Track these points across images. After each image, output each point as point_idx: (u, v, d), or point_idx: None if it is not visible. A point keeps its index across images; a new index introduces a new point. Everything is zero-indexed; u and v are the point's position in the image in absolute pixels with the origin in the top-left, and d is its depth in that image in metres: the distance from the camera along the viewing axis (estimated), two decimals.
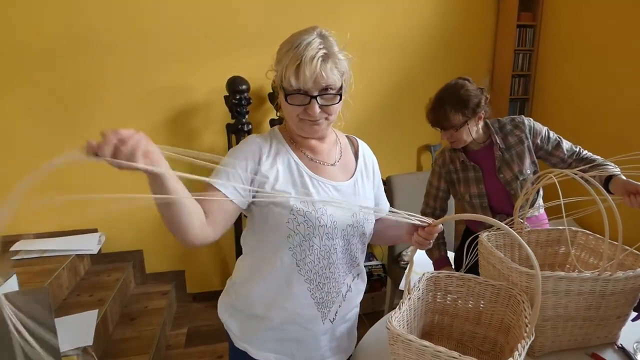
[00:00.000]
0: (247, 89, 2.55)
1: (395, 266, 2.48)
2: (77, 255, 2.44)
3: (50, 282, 2.08)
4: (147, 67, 2.62)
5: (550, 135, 1.56)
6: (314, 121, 0.94)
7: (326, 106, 0.93)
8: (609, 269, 1.04)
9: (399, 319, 0.88)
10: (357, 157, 1.13)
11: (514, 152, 1.55)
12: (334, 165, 1.06)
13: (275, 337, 1.03)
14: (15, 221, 2.57)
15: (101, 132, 0.65)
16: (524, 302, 0.94)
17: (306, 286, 0.99)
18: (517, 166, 1.54)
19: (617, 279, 1.01)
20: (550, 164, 1.58)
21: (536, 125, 1.57)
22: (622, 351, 1.10)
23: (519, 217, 1.33)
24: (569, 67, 2.90)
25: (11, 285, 1.83)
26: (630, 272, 1.02)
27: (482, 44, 3.27)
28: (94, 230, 2.70)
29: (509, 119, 1.60)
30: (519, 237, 0.75)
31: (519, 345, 0.77)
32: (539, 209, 1.62)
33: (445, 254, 1.70)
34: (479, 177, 1.59)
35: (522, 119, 1.57)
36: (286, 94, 0.92)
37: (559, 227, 1.37)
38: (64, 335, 1.50)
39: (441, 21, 3.10)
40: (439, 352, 0.74)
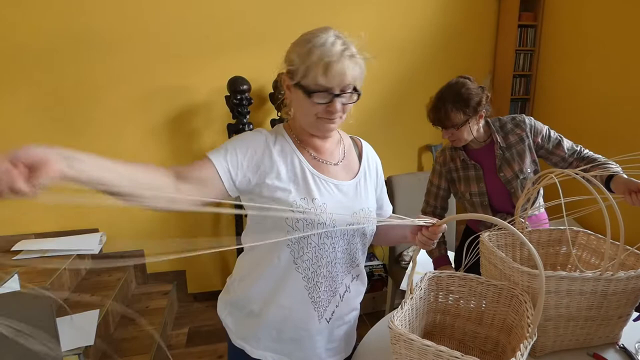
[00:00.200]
0: (248, 89, 2.55)
1: (396, 266, 2.48)
2: (79, 255, 2.44)
3: (51, 282, 2.08)
4: (147, 67, 2.62)
5: (551, 134, 1.56)
6: (332, 119, 0.95)
7: (344, 105, 0.94)
8: (611, 269, 1.04)
9: (400, 319, 0.88)
10: (360, 158, 1.13)
11: (514, 150, 1.55)
12: (337, 164, 1.05)
13: (272, 336, 1.03)
14: (16, 221, 2.57)
15: None
16: (526, 302, 0.94)
17: (303, 284, 0.99)
18: (518, 165, 1.54)
19: (618, 279, 1.01)
20: (551, 163, 1.58)
21: (537, 124, 1.57)
22: (624, 351, 1.10)
23: (519, 217, 1.33)
24: (570, 67, 2.90)
25: (13, 285, 1.84)
26: (632, 272, 1.02)
27: (483, 43, 3.27)
28: (95, 230, 2.70)
29: (510, 117, 1.59)
30: (524, 237, 0.75)
31: (522, 345, 0.77)
32: (539, 208, 1.62)
33: (445, 252, 1.70)
34: (480, 175, 1.59)
35: (523, 118, 1.57)
36: (310, 92, 0.91)
37: (561, 227, 1.36)
38: (65, 335, 1.50)
39: (442, 21, 3.09)
40: (441, 351, 0.74)
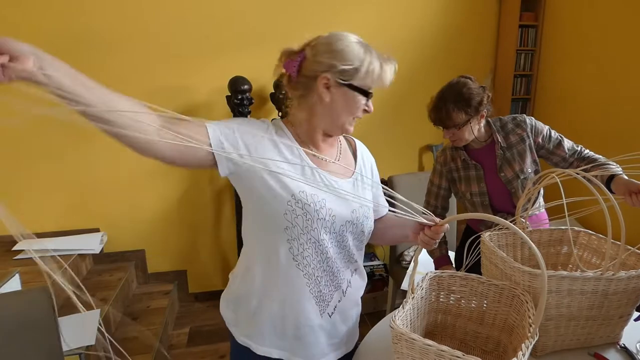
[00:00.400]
0: (249, 89, 2.56)
1: (397, 266, 2.48)
2: (80, 254, 2.44)
3: (52, 282, 2.08)
4: (148, 67, 2.62)
5: (551, 134, 1.56)
6: (358, 118, 1.01)
7: None
8: (612, 269, 1.04)
9: (402, 318, 0.88)
10: (355, 157, 1.14)
11: (515, 150, 1.55)
12: (335, 163, 1.06)
13: (275, 332, 1.03)
14: (18, 220, 2.57)
15: None
16: (527, 302, 0.94)
17: (304, 280, 0.99)
18: (518, 165, 1.54)
19: (619, 279, 1.01)
20: (551, 163, 1.58)
21: (538, 124, 1.57)
22: (625, 351, 1.10)
23: (520, 217, 1.33)
24: (571, 67, 2.90)
25: (14, 284, 1.84)
26: (632, 271, 1.02)
27: (484, 44, 3.27)
28: (96, 229, 2.71)
29: (511, 117, 1.60)
30: (526, 237, 0.75)
31: (523, 345, 0.77)
32: (540, 208, 1.62)
33: (446, 252, 1.70)
34: (480, 175, 1.59)
35: (524, 118, 1.57)
36: (365, 93, 0.97)
37: (561, 227, 1.37)
38: (66, 334, 1.50)
39: (443, 21, 3.09)
40: (442, 351, 0.74)
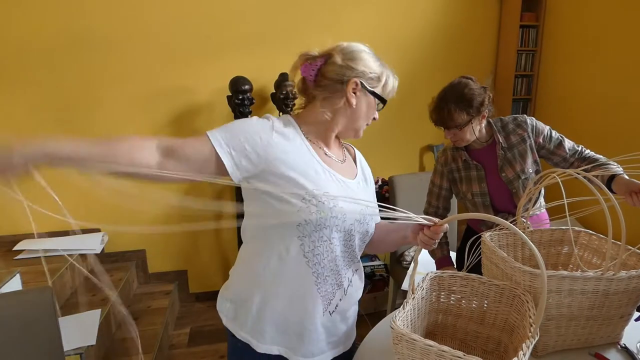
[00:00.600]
0: (250, 89, 2.56)
1: (397, 266, 2.48)
2: (80, 254, 2.45)
3: (53, 282, 2.08)
4: (149, 67, 2.62)
5: (552, 134, 1.56)
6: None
7: None
8: (612, 269, 1.04)
9: (403, 319, 0.88)
10: (354, 162, 1.18)
11: (516, 151, 1.55)
12: (342, 163, 1.09)
13: (278, 329, 1.02)
14: (18, 221, 2.58)
15: None
16: (528, 302, 0.94)
17: (312, 277, 0.99)
18: (519, 165, 1.54)
19: (620, 279, 1.01)
20: (552, 163, 1.58)
21: (538, 124, 1.57)
22: (626, 351, 1.10)
23: (521, 217, 1.33)
24: (572, 67, 2.90)
25: (15, 284, 1.84)
26: (633, 271, 1.02)
27: (485, 44, 3.27)
28: (97, 230, 2.71)
29: (512, 118, 1.60)
30: (526, 237, 0.75)
31: (524, 345, 0.77)
32: (541, 208, 1.62)
33: (447, 253, 1.70)
34: (481, 175, 1.59)
35: (525, 118, 1.57)
36: (384, 101, 1.08)
37: (562, 227, 1.37)
38: (67, 334, 1.50)
39: (443, 21, 3.09)
40: (443, 351, 0.74)
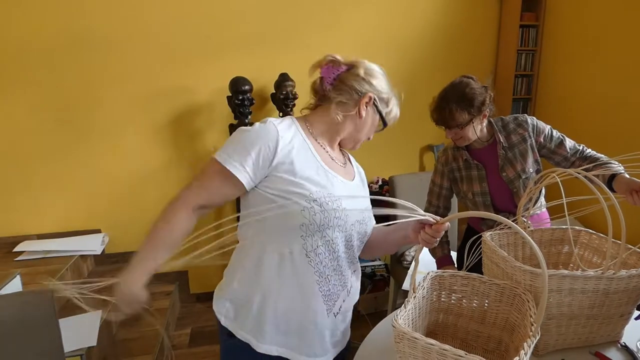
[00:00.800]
0: (250, 90, 2.56)
1: (398, 266, 2.48)
2: (81, 255, 2.45)
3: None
4: (149, 67, 2.63)
5: (553, 133, 1.56)
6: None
7: None
8: (613, 268, 1.04)
9: (404, 318, 0.88)
10: (352, 164, 1.21)
11: (517, 150, 1.55)
12: (343, 166, 1.12)
13: (279, 329, 1.02)
14: (18, 222, 2.58)
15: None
16: (528, 301, 0.94)
17: (315, 278, 0.99)
18: (520, 164, 1.54)
19: (620, 278, 1.01)
20: (553, 163, 1.58)
21: (539, 123, 1.57)
22: (626, 350, 1.10)
23: (522, 217, 1.33)
24: (572, 67, 2.90)
25: (15, 285, 1.84)
26: (633, 270, 1.02)
27: (485, 44, 3.27)
28: (98, 230, 2.71)
29: (512, 117, 1.60)
30: (527, 236, 0.76)
31: (525, 344, 0.77)
32: (541, 207, 1.62)
33: (448, 252, 1.70)
34: (482, 175, 1.59)
35: (525, 118, 1.58)
36: (385, 123, 1.14)
37: (563, 226, 1.37)
38: (67, 335, 1.50)
39: (443, 21, 3.10)
40: (444, 350, 0.74)
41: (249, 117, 2.62)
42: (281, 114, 2.69)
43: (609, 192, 1.12)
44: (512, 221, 1.34)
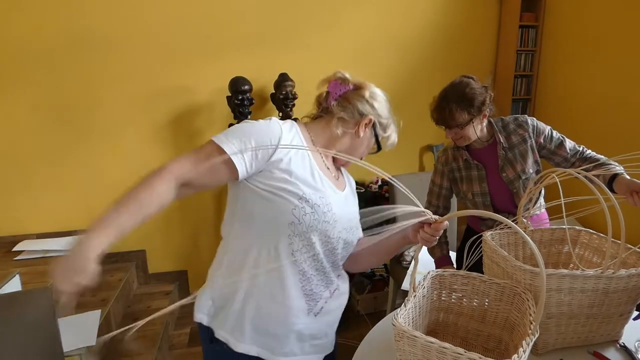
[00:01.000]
0: (250, 89, 2.56)
1: (397, 266, 2.48)
2: None
3: (53, 282, 2.08)
4: (149, 67, 2.63)
5: (553, 134, 1.57)
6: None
7: None
8: (612, 267, 1.04)
9: (404, 316, 0.88)
10: (343, 175, 1.22)
11: (517, 151, 1.55)
12: (336, 176, 1.13)
13: (257, 328, 1.01)
14: (18, 221, 2.58)
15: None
16: (528, 300, 0.95)
17: (298, 277, 1.01)
18: (520, 165, 1.54)
19: (619, 277, 1.01)
20: (553, 163, 1.58)
21: (539, 124, 1.57)
22: (624, 350, 1.11)
23: (521, 217, 1.33)
24: (572, 67, 2.90)
25: (14, 285, 1.84)
26: (632, 270, 1.02)
27: (485, 44, 3.27)
28: None
29: (512, 118, 1.60)
30: (526, 236, 0.76)
31: (524, 342, 0.77)
32: (541, 208, 1.62)
33: (447, 252, 1.70)
34: (482, 175, 1.59)
35: (525, 118, 1.58)
36: (379, 148, 1.18)
37: (563, 226, 1.37)
38: (67, 335, 1.50)
39: (443, 21, 3.10)
40: (444, 348, 0.75)
41: (249, 117, 2.62)
42: (281, 114, 2.69)
43: (609, 192, 1.12)
44: (512, 221, 1.35)
